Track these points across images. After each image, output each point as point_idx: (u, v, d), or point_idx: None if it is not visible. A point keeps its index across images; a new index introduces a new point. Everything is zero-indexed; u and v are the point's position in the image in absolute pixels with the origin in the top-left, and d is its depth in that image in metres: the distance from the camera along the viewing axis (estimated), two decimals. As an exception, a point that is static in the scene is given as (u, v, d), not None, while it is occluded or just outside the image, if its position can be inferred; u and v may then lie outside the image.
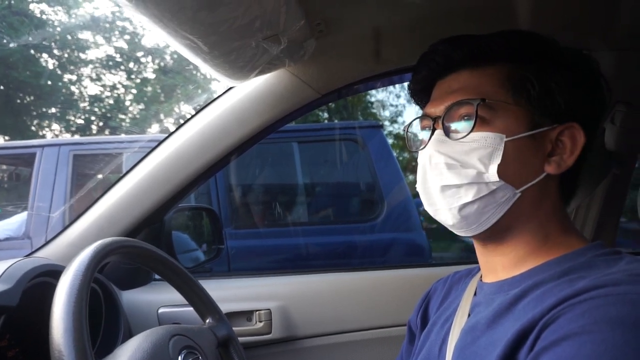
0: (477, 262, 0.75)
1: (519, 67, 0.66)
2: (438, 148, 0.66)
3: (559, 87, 0.65)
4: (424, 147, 0.69)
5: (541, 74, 0.65)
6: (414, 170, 0.74)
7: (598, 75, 0.69)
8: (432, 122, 0.68)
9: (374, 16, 0.96)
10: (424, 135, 0.71)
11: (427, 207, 0.70)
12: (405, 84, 0.90)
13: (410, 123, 0.75)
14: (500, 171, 0.63)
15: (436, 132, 0.67)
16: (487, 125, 0.64)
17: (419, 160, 0.70)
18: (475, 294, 0.72)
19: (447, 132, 0.66)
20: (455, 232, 0.70)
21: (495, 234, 0.67)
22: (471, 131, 0.64)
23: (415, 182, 0.73)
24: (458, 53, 0.68)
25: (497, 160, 0.63)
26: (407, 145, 0.76)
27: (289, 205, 3.18)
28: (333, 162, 3.23)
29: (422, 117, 0.72)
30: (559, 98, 0.65)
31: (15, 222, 2.87)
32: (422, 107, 0.78)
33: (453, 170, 0.64)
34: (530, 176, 0.64)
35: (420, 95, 0.77)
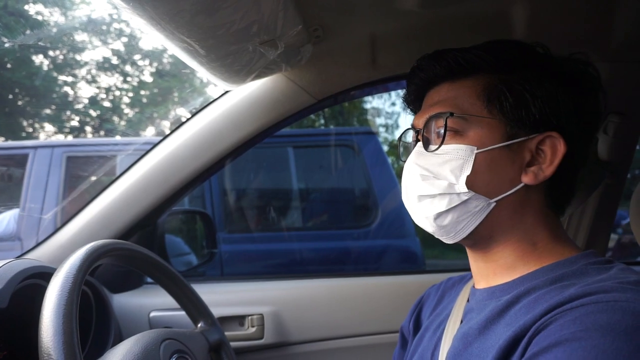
0: (470, 269, 0.76)
1: (496, 78, 0.67)
2: (416, 160, 0.69)
3: (533, 97, 0.65)
4: (407, 158, 0.71)
5: (516, 84, 0.66)
6: (407, 177, 0.76)
7: (587, 82, 0.68)
8: (416, 134, 0.71)
9: (371, 23, 0.97)
10: (410, 146, 0.74)
11: (411, 215, 0.73)
12: (401, 91, 0.90)
13: (403, 133, 0.77)
14: (471, 182, 0.64)
15: (417, 144, 0.70)
16: (459, 137, 0.65)
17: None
18: (468, 300, 0.73)
19: (426, 144, 0.69)
20: (440, 238, 0.72)
21: (478, 242, 0.68)
22: (442, 144, 0.66)
23: None
24: (436, 68, 0.70)
25: (467, 172, 0.64)
26: (398, 156, 0.78)
27: (283, 210, 3.17)
28: (328, 168, 3.23)
29: (409, 129, 0.75)
30: (534, 108, 0.65)
31: (1, 221, 2.84)
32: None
33: (427, 182, 0.66)
34: (504, 186, 0.65)
35: (412, 105, 0.80)
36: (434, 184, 0.66)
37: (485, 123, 0.65)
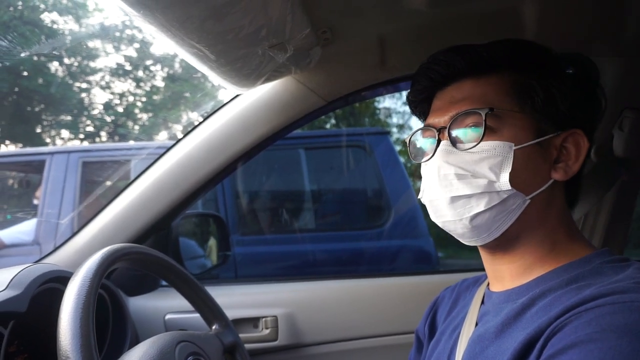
0: (484, 270, 0.75)
1: (522, 75, 0.66)
2: (446, 159, 0.65)
3: (561, 94, 0.65)
4: (430, 158, 0.68)
5: (543, 81, 0.65)
6: (421, 177, 0.73)
7: (595, 80, 0.69)
8: (437, 133, 0.67)
9: (379, 24, 0.96)
10: (427, 145, 0.70)
11: (435, 218, 0.69)
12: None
13: (413, 134, 0.74)
14: (511, 179, 0.62)
15: (442, 142, 0.66)
16: (495, 134, 0.64)
17: (424, 171, 0.69)
18: (483, 302, 0.72)
19: (454, 142, 0.66)
20: (464, 242, 0.69)
21: (504, 243, 0.67)
22: (481, 141, 0.63)
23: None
24: (460, 62, 0.67)
25: (508, 169, 0.62)
26: (409, 156, 0.75)
27: (296, 212, 3.18)
28: (340, 169, 3.23)
29: (425, 128, 0.71)
30: (562, 105, 0.65)
31: (28, 229, 2.90)
32: (422, 117, 0.77)
33: (464, 181, 0.64)
34: (538, 183, 0.64)
35: (419, 106, 0.77)
36: (472, 183, 0.63)
37: (518, 120, 0.64)
